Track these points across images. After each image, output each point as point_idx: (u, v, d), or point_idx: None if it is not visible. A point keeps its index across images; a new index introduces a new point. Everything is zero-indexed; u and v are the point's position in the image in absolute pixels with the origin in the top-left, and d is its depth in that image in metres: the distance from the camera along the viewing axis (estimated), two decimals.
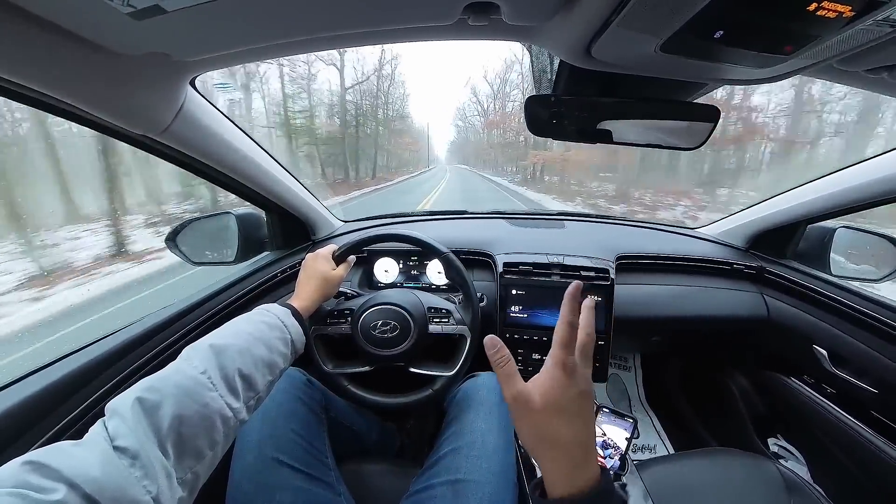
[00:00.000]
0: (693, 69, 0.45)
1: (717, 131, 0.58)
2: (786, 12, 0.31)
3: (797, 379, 0.94)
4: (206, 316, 0.75)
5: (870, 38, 0.35)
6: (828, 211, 0.87)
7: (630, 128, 0.61)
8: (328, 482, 0.62)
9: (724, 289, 1.01)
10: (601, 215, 1.30)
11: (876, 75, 0.47)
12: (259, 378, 0.47)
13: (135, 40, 0.43)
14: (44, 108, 0.48)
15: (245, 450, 0.59)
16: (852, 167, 0.80)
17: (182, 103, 0.57)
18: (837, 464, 0.83)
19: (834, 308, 0.83)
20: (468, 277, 0.80)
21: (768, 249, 1.04)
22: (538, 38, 0.48)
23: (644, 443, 1.28)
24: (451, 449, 0.64)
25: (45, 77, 0.42)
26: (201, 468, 0.38)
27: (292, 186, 0.93)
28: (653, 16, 0.34)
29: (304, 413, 0.67)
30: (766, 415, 1.06)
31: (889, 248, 0.89)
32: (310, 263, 0.73)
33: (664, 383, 1.44)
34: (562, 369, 0.33)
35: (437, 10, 0.41)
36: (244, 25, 0.42)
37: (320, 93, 19.12)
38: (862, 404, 0.78)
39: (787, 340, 0.95)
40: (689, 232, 1.21)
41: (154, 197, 8.26)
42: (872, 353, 0.75)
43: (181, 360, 0.43)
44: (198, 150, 0.66)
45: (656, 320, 0.99)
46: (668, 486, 0.70)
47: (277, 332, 0.54)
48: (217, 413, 0.40)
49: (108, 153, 6.33)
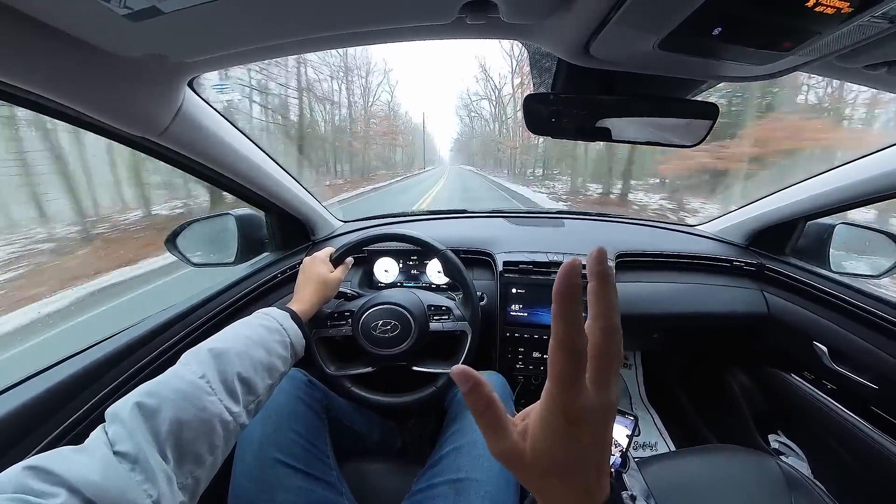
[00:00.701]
0: (692, 66, 0.45)
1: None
2: (785, 8, 0.31)
3: (797, 375, 0.94)
4: (207, 317, 0.75)
5: (869, 34, 0.35)
6: (827, 207, 0.87)
7: (629, 125, 0.61)
8: (330, 482, 0.62)
9: (725, 286, 1.01)
10: (601, 213, 1.30)
11: (875, 71, 0.47)
12: (258, 382, 0.47)
13: (132, 42, 0.42)
14: (41, 111, 0.48)
15: (246, 450, 0.59)
16: (851, 163, 0.80)
17: (180, 105, 0.57)
18: (838, 460, 0.83)
19: (833, 304, 0.83)
20: (466, 274, 0.80)
21: (768, 246, 1.05)
22: (536, 37, 0.48)
23: (645, 440, 1.29)
24: (452, 448, 0.64)
25: (41, 79, 0.42)
26: (202, 473, 0.38)
27: (291, 187, 0.93)
28: (651, 13, 0.34)
29: (306, 413, 0.67)
30: (767, 411, 1.06)
31: (888, 244, 0.89)
32: (307, 267, 0.73)
33: (665, 381, 1.45)
34: (564, 419, 0.22)
35: (435, 9, 0.41)
36: (242, 26, 0.42)
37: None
38: (862, 400, 0.78)
39: (787, 337, 0.95)
40: (688, 229, 1.21)
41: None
42: (872, 349, 0.75)
43: (180, 365, 0.43)
44: (197, 151, 0.66)
45: (657, 318, 0.99)
46: (670, 484, 0.70)
47: (276, 336, 0.54)
48: (216, 417, 0.40)
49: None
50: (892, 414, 0.73)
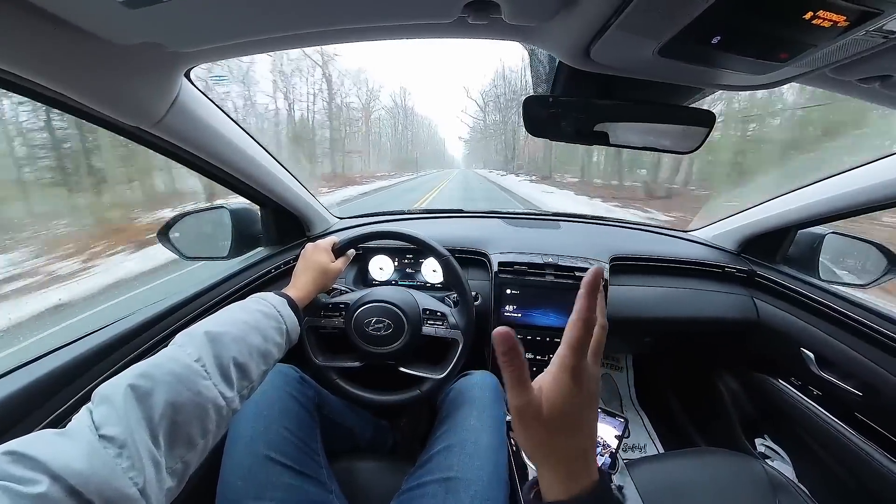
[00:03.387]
0: (690, 73, 0.46)
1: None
2: (782, 20, 0.31)
3: (785, 381, 0.96)
4: (199, 312, 0.74)
5: (863, 48, 0.36)
6: (818, 217, 0.88)
7: (627, 130, 0.61)
8: (320, 480, 0.61)
9: (716, 291, 1.02)
10: (596, 216, 1.31)
11: (868, 85, 0.47)
12: (253, 367, 0.47)
13: (128, 29, 0.42)
14: (35, 98, 0.47)
15: (236, 447, 0.59)
16: (842, 174, 0.81)
17: (176, 95, 0.56)
18: (822, 464, 0.85)
19: (822, 312, 0.85)
20: (466, 283, 0.80)
21: (759, 253, 1.06)
22: (538, 39, 0.48)
23: (634, 442, 1.30)
24: (443, 447, 0.64)
25: (35, 65, 0.41)
26: (192, 457, 0.37)
27: (288, 182, 0.92)
28: (652, 19, 0.34)
29: (297, 410, 0.67)
30: (754, 415, 1.08)
31: (876, 255, 0.91)
32: (309, 254, 0.73)
33: (655, 384, 1.46)
34: (570, 375, 0.29)
35: (438, 8, 0.41)
36: (241, 17, 0.42)
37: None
38: (847, 407, 0.80)
39: (775, 343, 0.97)
40: (682, 235, 1.22)
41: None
42: (858, 356, 0.76)
43: (175, 347, 0.42)
44: (192, 143, 0.65)
45: (649, 321, 1.00)
46: (658, 485, 0.71)
47: (273, 322, 0.53)
48: (210, 402, 0.39)
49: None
50: (876, 421, 0.75)
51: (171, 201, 9.04)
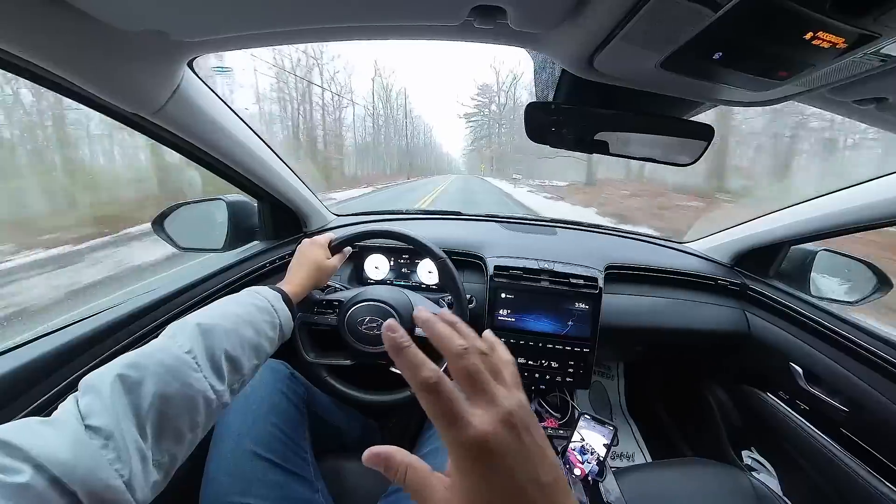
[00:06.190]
0: (690, 87, 0.46)
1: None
2: (783, 39, 0.32)
3: (773, 394, 0.97)
4: (190, 304, 0.73)
5: (860, 70, 0.37)
6: (811, 234, 0.90)
7: (626, 140, 0.62)
8: (306, 478, 0.61)
9: (708, 303, 1.03)
10: (593, 224, 1.31)
11: (864, 106, 0.48)
12: (245, 361, 0.46)
13: (133, 16, 0.41)
14: (35, 80, 0.46)
15: (223, 442, 0.58)
16: (836, 193, 0.83)
17: (178, 84, 0.56)
18: (807, 478, 0.86)
19: (811, 328, 0.86)
20: (461, 286, 0.80)
21: (752, 267, 1.07)
22: (542, 46, 0.48)
23: (623, 450, 1.30)
24: (432, 448, 0.64)
25: (38, 47, 0.40)
26: (179, 450, 0.37)
27: (287, 177, 0.92)
28: (655, 33, 0.35)
29: (286, 407, 0.66)
30: (742, 428, 1.09)
31: (866, 273, 0.93)
32: (305, 249, 0.72)
33: (645, 393, 1.47)
34: (464, 451, 0.22)
35: (444, 10, 0.41)
36: (247, 9, 0.42)
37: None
38: (833, 422, 0.81)
39: (765, 356, 0.98)
40: (677, 246, 1.23)
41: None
42: (845, 372, 0.77)
43: (166, 338, 0.42)
44: (192, 133, 0.64)
45: (641, 330, 1.00)
46: (644, 494, 0.71)
47: (266, 316, 0.53)
48: (200, 394, 0.39)
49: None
50: (860, 437, 0.75)
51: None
